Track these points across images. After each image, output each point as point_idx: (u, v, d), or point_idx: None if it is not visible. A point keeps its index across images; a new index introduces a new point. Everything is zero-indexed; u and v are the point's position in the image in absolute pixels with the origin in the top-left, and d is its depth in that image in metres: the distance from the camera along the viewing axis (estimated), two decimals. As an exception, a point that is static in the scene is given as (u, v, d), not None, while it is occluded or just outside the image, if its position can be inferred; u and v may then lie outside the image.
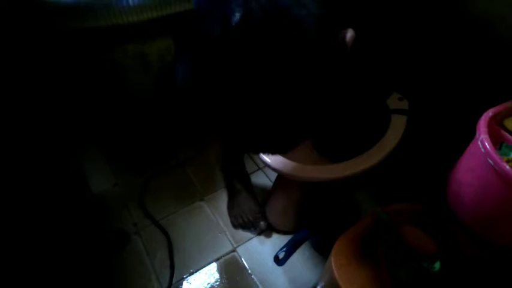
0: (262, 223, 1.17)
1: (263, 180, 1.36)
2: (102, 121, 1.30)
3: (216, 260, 1.14)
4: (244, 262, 1.13)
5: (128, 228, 1.22)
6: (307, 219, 1.13)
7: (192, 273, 1.11)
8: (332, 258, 0.76)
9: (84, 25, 0.91)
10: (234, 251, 1.16)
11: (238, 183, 1.23)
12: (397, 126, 1.00)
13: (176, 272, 1.11)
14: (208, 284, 1.08)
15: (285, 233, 1.19)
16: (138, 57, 1.06)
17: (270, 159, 0.95)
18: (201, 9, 0.53)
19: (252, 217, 1.18)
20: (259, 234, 1.20)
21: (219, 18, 0.47)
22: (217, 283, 1.09)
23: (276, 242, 1.17)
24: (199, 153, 1.45)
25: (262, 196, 1.28)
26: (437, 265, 0.72)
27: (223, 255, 1.15)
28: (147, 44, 1.06)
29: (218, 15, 0.48)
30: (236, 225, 1.21)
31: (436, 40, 0.97)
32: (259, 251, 1.16)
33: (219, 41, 0.47)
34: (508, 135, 0.71)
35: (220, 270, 1.12)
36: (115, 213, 1.26)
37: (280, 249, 1.09)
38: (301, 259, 1.13)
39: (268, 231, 1.20)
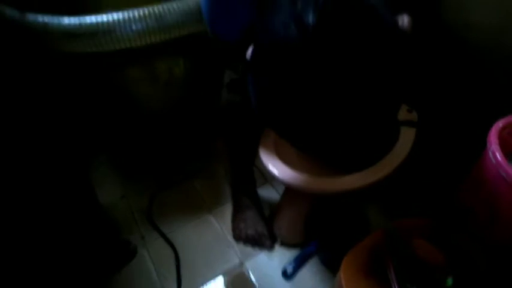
0: (268, 242, 1.16)
1: (271, 193, 1.35)
2: (110, 131, 1.31)
3: (223, 274, 1.12)
4: (252, 276, 1.11)
5: (135, 241, 1.21)
6: (316, 233, 1.12)
7: (199, 288, 1.09)
8: (341, 273, 0.75)
9: (88, 50, 0.92)
10: (241, 265, 1.14)
11: (246, 199, 1.21)
12: (407, 138, 0.99)
13: (183, 286, 1.09)
14: (215, 298, 1.07)
15: (293, 246, 1.17)
16: (146, 69, 1.07)
17: (277, 171, 0.95)
18: (264, 12, 0.50)
19: (257, 235, 1.16)
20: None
21: (291, 21, 0.44)
22: (225, 298, 1.07)
23: (284, 255, 1.15)
24: (207, 166, 1.44)
25: (270, 209, 1.26)
26: (449, 281, 0.70)
27: (231, 270, 1.13)
28: (156, 59, 1.07)
29: (287, 17, 0.45)
30: (238, 239, 1.20)
31: (444, 50, 0.96)
32: (267, 265, 1.14)
33: (299, 45, 0.44)
34: (519, 146, 0.69)
35: (227, 285, 1.10)
36: (123, 225, 1.26)
37: (289, 263, 1.08)
38: (309, 273, 1.10)
39: (276, 244, 1.18)
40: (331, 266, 1.11)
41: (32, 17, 0.91)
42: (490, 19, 0.82)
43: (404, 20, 0.54)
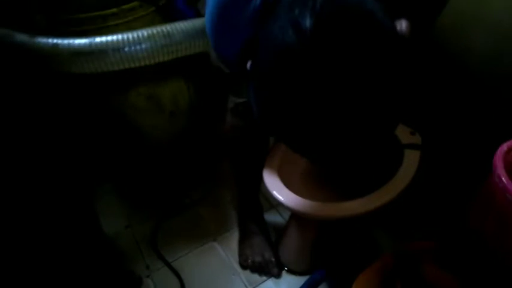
0: (275, 270, 1.14)
1: (276, 218, 1.34)
2: (115, 161, 1.32)
3: (230, 304, 1.11)
4: (259, 305, 1.10)
5: (140, 270, 1.20)
6: (323, 259, 1.10)
7: (205, 318, 1.07)
8: (351, 300, 0.74)
9: (98, 70, 0.93)
10: (248, 293, 1.13)
11: (253, 225, 1.20)
12: (411, 161, 0.99)
13: (189, 316, 1.08)
14: (223, 329, 1.05)
15: (300, 273, 1.15)
16: (151, 98, 1.09)
17: (283, 197, 0.94)
18: (264, 23, 0.50)
19: (264, 262, 1.15)
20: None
21: (288, 26, 0.45)
22: (232, 328, 1.05)
23: (292, 283, 1.13)
24: (212, 192, 1.44)
25: (276, 235, 1.25)
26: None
27: (238, 299, 1.12)
28: (160, 86, 1.09)
29: (285, 23, 0.45)
30: (245, 265, 1.18)
31: (445, 73, 0.98)
32: (274, 293, 1.12)
33: (296, 49, 0.44)
34: (525, 169, 0.69)
35: (234, 314, 1.08)
36: (127, 255, 1.25)
37: (296, 291, 1.06)
38: (318, 301, 1.09)
39: (283, 272, 1.17)
40: (340, 293, 1.09)
41: (41, 39, 0.92)
42: (487, 44, 0.84)
43: (402, 25, 0.54)
